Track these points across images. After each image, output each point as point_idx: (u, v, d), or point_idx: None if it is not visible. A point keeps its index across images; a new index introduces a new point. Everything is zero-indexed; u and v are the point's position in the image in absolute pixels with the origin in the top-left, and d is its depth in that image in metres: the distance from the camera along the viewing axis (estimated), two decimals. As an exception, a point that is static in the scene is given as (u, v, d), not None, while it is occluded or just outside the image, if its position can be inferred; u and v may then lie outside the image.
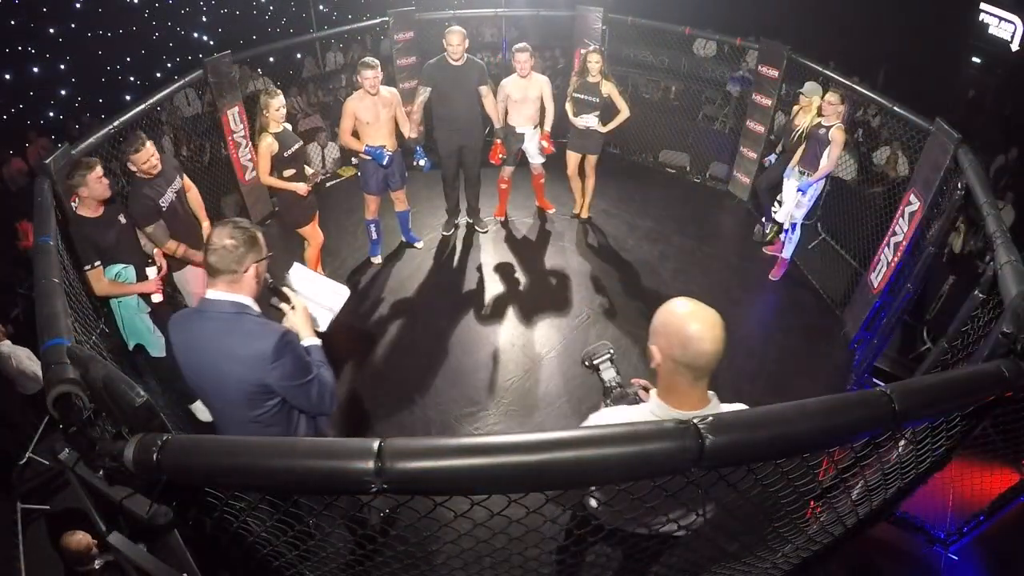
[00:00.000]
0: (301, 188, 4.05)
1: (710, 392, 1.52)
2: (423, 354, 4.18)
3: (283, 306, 2.12)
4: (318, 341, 2.12)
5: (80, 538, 2.96)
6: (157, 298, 3.35)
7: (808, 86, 4.88)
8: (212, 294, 1.90)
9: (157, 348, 3.40)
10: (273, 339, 1.85)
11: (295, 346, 1.92)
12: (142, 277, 3.29)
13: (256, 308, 1.95)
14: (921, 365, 3.38)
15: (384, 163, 4.40)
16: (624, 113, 4.96)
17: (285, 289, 2.15)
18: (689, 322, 1.41)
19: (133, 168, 3.28)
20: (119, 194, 3.43)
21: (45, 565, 3.21)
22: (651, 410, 1.56)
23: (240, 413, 1.97)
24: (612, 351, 1.98)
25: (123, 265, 3.20)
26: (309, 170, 4.22)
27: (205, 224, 3.82)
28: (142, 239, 3.43)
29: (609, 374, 1.94)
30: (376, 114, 4.31)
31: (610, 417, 1.68)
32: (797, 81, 5.24)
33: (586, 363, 1.97)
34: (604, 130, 5.02)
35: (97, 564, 3.02)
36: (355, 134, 4.41)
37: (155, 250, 3.43)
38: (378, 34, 8.23)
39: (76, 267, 2.96)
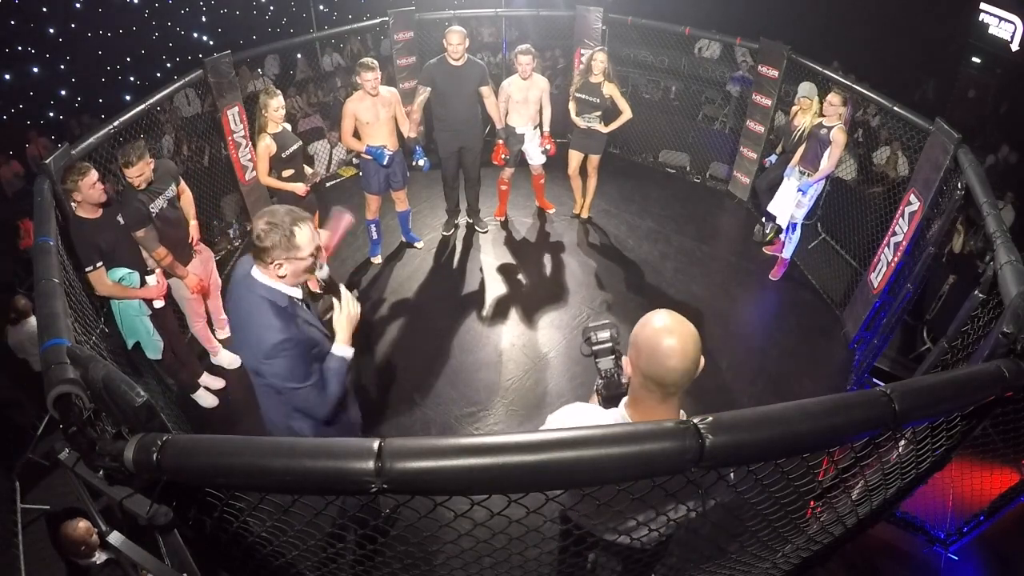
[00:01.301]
0: (299, 188, 4.05)
1: (682, 412, 1.46)
2: (423, 354, 4.18)
3: (334, 303, 2.17)
4: (349, 352, 2.17)
5: (85, 526, 2.95)
6: (159, 303, 3.36)
7: (804, 86, 4.88)
8: (255, 272, 2.00)
9: (154, 351, 3.40)
10: (272, 339, 1.92)
11: (294, 355, 1.97)
12: (144, 283, 3.29)
13: (285, 296, 2.01)
14: (921, 365, 3.38)
15: (385, 163, 4.41)
16: (627, 114, 4.95)
17: (343, 288, 2.18)
18: (663, 336, 1.35)
19: (133, 178, 3.27)
20: (116, 195, 3.42)
21: (45, 565, 3.21)
22: (614, 420, 1.51)
23: (255, 371, 2.10)
24: (615, 337, 1.78)
25: (128, 270, 3.20)
26: (308, 170, 4.22)
27: (193, 223, 3.79)
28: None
29: (606, 364, 1.79)
30: (376, 114, 4.31)
31: (566, 419, 1.63)
32: (797, 81, 5.24)
33: (584, 344, 1.82)
34: (606, 130, 5.02)
35: (97, 560, 3.01)
36: (356, 134, 4.42)
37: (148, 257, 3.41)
38: (378, 34, 8.22)
39: (76, 268, 2.96)
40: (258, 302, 1.98)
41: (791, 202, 4.73)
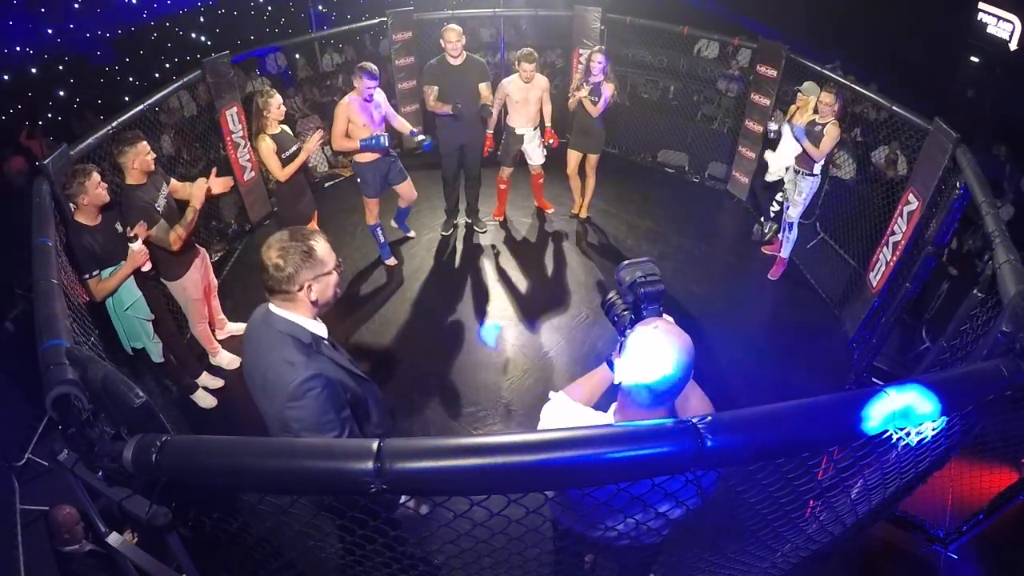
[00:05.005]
0: (313, 141, 4.05)
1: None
2: (422, 355, 4.18)
3: None
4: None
5: (69, 512, 2.95)
6: (147, 267, 3.23)
7: (807, 85, 4.88)
8: (272, 307, 1.81)
9: (156, 355, 3.42)
10: (298, 378, 1.71)
11: (321, 393, 1.74)
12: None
13: (308, 332, 1.80)
14: (920, 364, 3.38)
15: (384, 144, 4.24)
16: (592, 109, 4.89)
17: None
18: (657, 343, 1.39)
19: (132, 168, 3.24)
20: (115, 200, 3.39)
21: (44, 566, 3.20)
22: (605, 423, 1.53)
23: (280, 425, 1.84)
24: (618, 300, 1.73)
25: (112, 268, 3.17)
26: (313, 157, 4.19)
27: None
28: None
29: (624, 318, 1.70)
30: (371, 116, 4.28)
31: (556, 417, 1.65)
32: (794, 80, 5.24)
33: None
34: (579, 95, 4.85)
35: (81, 548, 3.01)
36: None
37: (132, 232, 3.30)
38: (376, 35, 8.22)
39: (77, 273, 2.95)
40: (278, 338, 1.77)
41: (785, 156, 4.77)
